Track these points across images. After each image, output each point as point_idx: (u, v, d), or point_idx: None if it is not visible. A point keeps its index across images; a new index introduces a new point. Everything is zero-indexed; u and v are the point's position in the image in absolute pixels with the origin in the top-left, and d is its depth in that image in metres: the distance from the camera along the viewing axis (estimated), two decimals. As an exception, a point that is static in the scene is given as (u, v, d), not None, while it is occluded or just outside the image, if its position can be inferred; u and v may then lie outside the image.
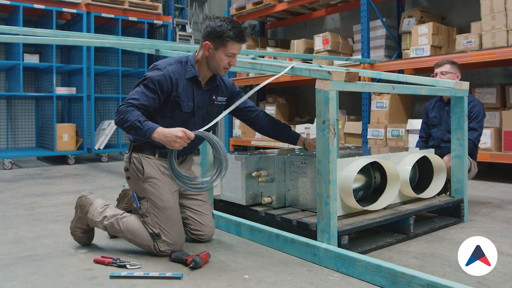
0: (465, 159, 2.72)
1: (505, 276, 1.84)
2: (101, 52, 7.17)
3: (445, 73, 3.09)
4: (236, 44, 2.10)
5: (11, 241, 2.39)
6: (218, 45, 2.10)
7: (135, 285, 1.76)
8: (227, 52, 2.10)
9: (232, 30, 2.06)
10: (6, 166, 5.63)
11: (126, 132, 2.06)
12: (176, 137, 1.92)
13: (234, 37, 2.07)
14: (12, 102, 6.71)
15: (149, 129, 1.95)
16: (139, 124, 1.95)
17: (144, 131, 1.95)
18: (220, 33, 2.06)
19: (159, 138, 1.95)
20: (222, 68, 2.15)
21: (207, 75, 2.22)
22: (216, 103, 2.29)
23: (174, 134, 1.93)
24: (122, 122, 1.99)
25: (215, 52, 2.11)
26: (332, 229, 1.99)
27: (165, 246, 2.07)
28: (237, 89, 2.42)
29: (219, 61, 2.12)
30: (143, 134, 1.96)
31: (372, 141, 5.17)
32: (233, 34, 2.06)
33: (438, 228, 2.56)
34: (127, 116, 1.97)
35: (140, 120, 1.96)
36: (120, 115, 2.00)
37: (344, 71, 1.99)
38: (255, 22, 7.99)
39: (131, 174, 2.19)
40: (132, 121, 1.96)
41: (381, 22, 5.41)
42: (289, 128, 2.52)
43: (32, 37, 3.75)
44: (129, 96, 2.06)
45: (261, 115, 2.47)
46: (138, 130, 1.96)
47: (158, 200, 2.11)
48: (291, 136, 2.51)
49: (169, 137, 1.93)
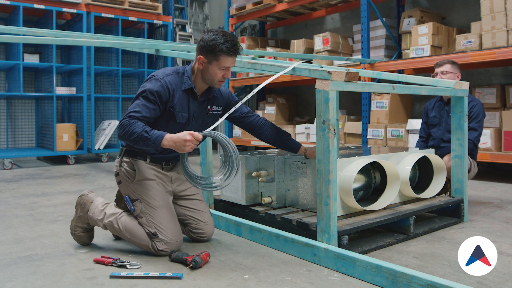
0: (465, 159, 2.72)
1: (505, 276, 1.84)
2: (101, 52, 7.17)
3: (445, 72, 3.09)
4: (229, 58, 2.10)
5: (11, 241, 2.39)
6: (211, 59, 2.10)
7: (135, 285, 1.76)
8: (220, 66, 2.10)
9: (224, 44, 2.06)
10: (6, 166, 5.63)
11: (132, 145, 2.07)
12: (185, 141, 1.94)
13: (226, 51, 2.06)
14: (12, 102, 6.71)
15: (157, 138, 1.96)
16: (146, 134, 1.96)
17: (152, 140, 1.97)
18: (213, 47, 2.06)
19: (169, 145, 1.96)
20: (217, 81, 2.16)
21: (203, 87, 2.23)
22: (211, 112, 2.30)
23: (183, 138, 1.94)
24: (127, 135, 1.99)
25: (208, 66, 2.12)
26: (332, 229, 1.99)
27: (162, 245, 2.07)
28: (235, 99, 2.42)
29: (213, 74, 2.13)
30: (152, 143, 1.97)
31: (372, 141, 5.17)
32: (225, 48, 2.06)
33: (438, 228, 2.56)
34: (132, 128, 1.98)
35: (146, 130, 1.97)
36: (124, 129, 2.00)
37: (344, 71, 1.99)
38: (255, 22, 7.99)
39: (122, 178, 2.21)
40: (139, 132, 1.97)
41: (381, 22, 5.41)
42: (290, 137, 2.49)
43: (32, 37, 3.75)
44: (129, 109, 2.06)
45: (260, 121, 2.43)
46: (146, 140, 1.97)
47: (151, 199, 2.12)
48: (293, 145, 2.47)
49: (178, 142, 1.95)
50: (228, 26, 7.15)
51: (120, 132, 2.03)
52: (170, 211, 2.17)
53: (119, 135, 2.04)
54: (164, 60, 7.15)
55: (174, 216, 2.18)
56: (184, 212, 2.30)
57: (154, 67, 7.38)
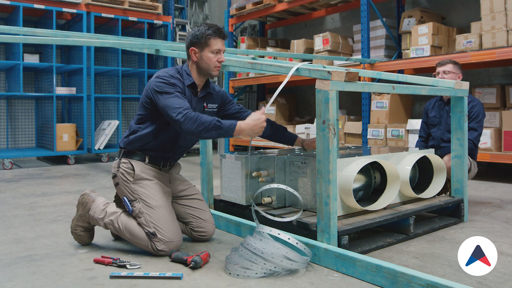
0: (465, 159, 2.72)
1: (505, 276, 1.84)
2: (101, 52, 7.17)
3: (447, 72, 3.10)
4: (218, 39, 2.19)
5: (11, 241, 2.39)
6: (202, 46, 2.20)
7: (135, 285, 1.76)
8: (211, 49, 2.19)
9: (210, 29, 2.19)
10: (6, 166, 5.63)
11: (197, 136, 2.04)
12: (262, 125, 2.01)
13: (213, 33, 2.18)
14: (12, 102, 6.71)
15: (230, 126, 2.00)
16: (219, 123, 1.99)
17: (225, 129, 1.99)
18: (200, 35, 2.19)
19: (244, 133, 2.01)
20: (213, 68, 2.22)
21: (200, 83, 2.28)
22: (207, 109, 2.34)
23: (260, 124, 2.01)
24: (196, 126, 1.97)
25: (201, 54, 2.20)
26: (332, 229, 1.99)
27: (162, 245, 2.07)
28: (229, 98, 2.49)
29: (208, 60, 2.20)
30: (225, 132, 2.00)
31: (372, 141, 5.17)
32: (211, 31, 2.18)
33: (438, 228, 2.56)
34: (200, 118, 1.98)
35: (218, 120, 2.00)
36: (192, 120, 1.98)
37: (344, 71, 1.99)
38: (255, 22, 8.00)
39: (119, 180, 2.21)
40: (209, 121, 1.98)
41: (381, 22, 5.41)
42: (285, 129, 2.58)
43: (32, 37, 3.75)
44: (170, 107, 2.03)
45: None
46: (218, 129, 1.99)
47: (149, 199, 2.13)
48: (288, 137, 2.56)
49: (255, 126, 2.01)
50: (228, 26, 7.16)
51: (188, 125, 1.98)
52: (169, 210, 2.17)
53: (186, 128, 1.99)
54: (164, 60, 7.15)
55: (173, 216, 2.18)
56: (185, 211, 2.31)
57: (154, 67, 7.38)
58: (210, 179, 2.79)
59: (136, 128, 2.23)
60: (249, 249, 1.83)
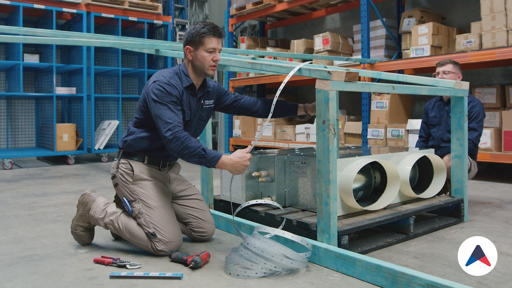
0: (465, 159, 2.72)
1: (505, 276, 1.84)
2: (101, 52, 7.17)
3: (447, 72, 3.10)
4: (213, 37, 2.16)
5: (11, 241, 2.39)
6: (197, 45, 2.17)
7: (135, 285, 1.76)
8: (206, 48, 2.16)
9: (205, 27, 2.15)
10: (6, 166, 5.63)
11: (180, 157, 2.05)
12: (245, 166, 2.00)
13: (207, 31, 2.14)
14: (12, 102, 6.71)
15: (213, 158, 1.98)
16: (203, 152, 1.98)
17: (208, 160, 1.98)
18: (195, 34, 2.15)
19: (227, 168, 1.99)
20: (208, 67, 2.19)
21: (198, 82, 2.27)
22: (205, 107, 2.34)
23: (243, 163, 1.99)
24: (181, 148, 1.98)
25: (196, 53, 2.18)
26: (332, 229, 1.99)
27: (161, 245, 2.07)
28: (224, 90, 2.48)
29: (202, 59, 2.17)
30: (208, 162, 1.99)
31: (372, 141, 5.17)
32: (206, 29, 2.14)
33: (438, 228, 2.56)
34: (186, 142, 1.98)
35: (203, 148, 1.99)
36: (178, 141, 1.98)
37: (344, 71, 1.99)
38: (255, 22, 7.99)
39: (118, 180, 2.21)
40: (195, 147, 1.97)
41: (381, 22, 5.41)
42: (284, 101, 2.55)
43: (32, 37, 3.75)
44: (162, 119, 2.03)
45: (252, 100, 2.51)
46: (202, 158, 1.98)
47: (149, 199, 2.13)
48: (290, 108, 2.53)
49: (238, 166, 1.99)
50: (228, 26, 7.15)
51: (173, 145, 1.99)
52: (169, 211, 2.17)
53: (171, 147, 2.01)
54: (164, 60, 7.15)
55: (172, 216, 2.18)
56: (184, 211, 2.31)
57: (154, 67, 7.38)
58: (210, 179, 2.79)
59: (133, 130, 2.23)
60: (250, 248, 1.83)
